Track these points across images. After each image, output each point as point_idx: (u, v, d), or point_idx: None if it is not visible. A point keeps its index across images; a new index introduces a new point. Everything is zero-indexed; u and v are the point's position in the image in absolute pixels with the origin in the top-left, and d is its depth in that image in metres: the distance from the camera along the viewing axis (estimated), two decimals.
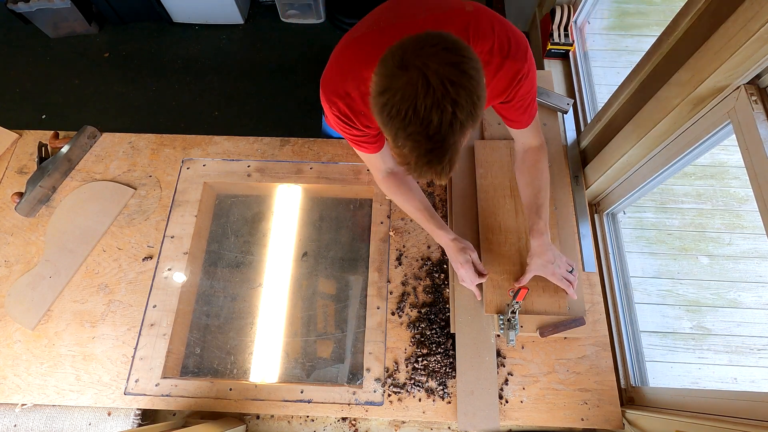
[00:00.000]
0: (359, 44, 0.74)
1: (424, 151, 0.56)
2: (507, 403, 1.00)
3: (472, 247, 1.02)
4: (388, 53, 0.57)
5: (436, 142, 0.55)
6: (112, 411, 1.04)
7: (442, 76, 0.52)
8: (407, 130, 0.54)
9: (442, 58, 0.53)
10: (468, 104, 0.54)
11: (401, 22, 0.72)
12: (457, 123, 0.54)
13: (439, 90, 0.52)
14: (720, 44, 0.71)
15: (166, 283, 1.13)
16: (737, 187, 1.45)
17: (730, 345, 1.24)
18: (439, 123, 0.53)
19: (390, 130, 0.57)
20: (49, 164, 1.23)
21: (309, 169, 1.26)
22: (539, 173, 0.98)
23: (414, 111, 0.53)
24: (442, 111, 0.53)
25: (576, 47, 1.61)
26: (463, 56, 0.54)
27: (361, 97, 0.74)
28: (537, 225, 0.96)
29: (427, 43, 0.54)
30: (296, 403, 1.01)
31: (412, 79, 0.52)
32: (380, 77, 0.56)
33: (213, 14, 2.69)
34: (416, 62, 0.53)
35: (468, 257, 1.00)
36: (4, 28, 2.79)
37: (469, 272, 1.00)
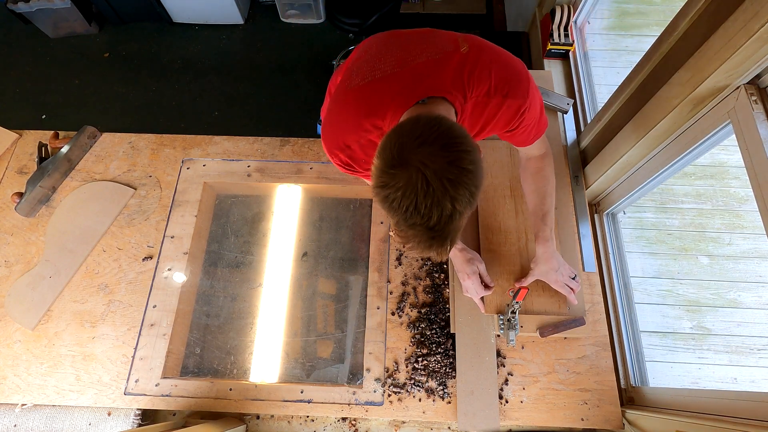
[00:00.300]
0: (356, 96, 0.74)
1: (425, 239, 0.58)
2: (507, 403, 1.00)
3: (479, 258, 1.02)
4: (387, 144, 0.57)
5: (437, 231, 0.57)
6: (112, 411, 1.04)
7: (440, 175, 0.54)
8: (409, 221, 0.56)
9: (440, 157, 0.54)
10: (466, 196, 0.56)
11: (398, 72, 0.72)
12: (456, 214, 0.56)
13: (438, 190, 0.54)
14: (720, 44, 0.71)
15: (166, 283, 1.13)
16: (737, 187, 1.45)
17: (730, 345, 1.24)
18: (438, 218, 0.55)
19: (392, 218, 0.59)
20: (49, 164, 1.23)
21: (309, 169, 1.26)
22: (545, 180, 0.97)
23: (415, 207, 0.54)
24: (442, 208, 0.55)
25: (576, 47, 1.61)
26: (460, 151, 0.55)
27: (361, 148, 0.75)
28: (543, 232, 0.96)
29: (425, 140, 0.55)
30: (296, 403, 1.01)
31: (411, 178, 0.54)
32: (380, 171, 0.57)
33: (213, 14, 2.69)
34: (415, 161, 0.54)
35: (475, 268, 1.00)
36: (4, 28, 2.79)
37: (475, 284, 1.00)
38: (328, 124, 0.78)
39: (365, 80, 0.73)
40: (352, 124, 0.73)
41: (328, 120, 0.78)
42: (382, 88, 0.71)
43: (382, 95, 0.71)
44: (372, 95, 0.72)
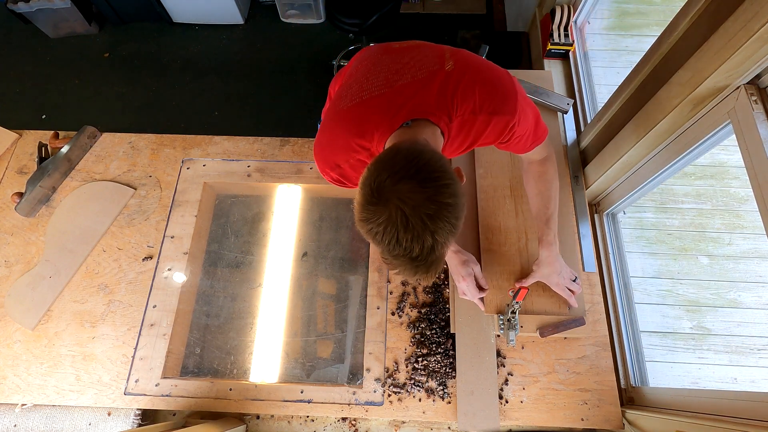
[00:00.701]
0: (345, 118, 0.76)
1: (411, 269, 0.60)
2: (507, 403, 1.00)
3: (474, 260, 1.02)
4: (368, 179, 0.59)
5: (420, 261, 0.58)
6: (112, 411, 1.04)
7: (419, 211, 0.55)
8: (392, 252, 0.58)
9: (418, 192, 0.56)
10: (447, 228, 0.57)
11: (385, 92, 0.73)
12: (438, 245, 0.57)
13: (418, 226, 0.55)
14: (720, 44, 0.71)
15: (166, 283, 1.13)
16: (737, 187, 1.45)
17: (730, 345, 1.24)
18: (420, 250, 0.57)
19: (377, 248, 0.61)
20: (49, 164, 1.23)
21: (309, 169, 1.26)
22: (548, 184, 0.97)
23: (397, 241, 0.56)
24: (423, 242, 0.56)
25: (576, 47, 1.61)
26: (439, 186, 0.57)
27: (351, 167, 0.77)
28: (547, 236, 0.96)
29: (403, 175, 0.56)
30: (296, 403, 1.01)
31: (391, 215, 0.56)
32: (361, 206, 0.58)
33: (213, 14, 2.69)
34: (393, 198, 0.56)
35: (470, 270, 1.00)
36: (4, 28, 2.79)
37: (470, 286, 1.00)
38: (319, 145, 0.81)
39: (353, 101, 0.75)
40: (342, 145, 0.76)
41: (319, 141, 0.81)
42: (368, 111, 0.73)
43: (368, 117, 0.73)
44: (359, 117, 0.74)
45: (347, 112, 0.76)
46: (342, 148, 0.76)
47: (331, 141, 0.78)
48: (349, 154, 0.76)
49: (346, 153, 0.76)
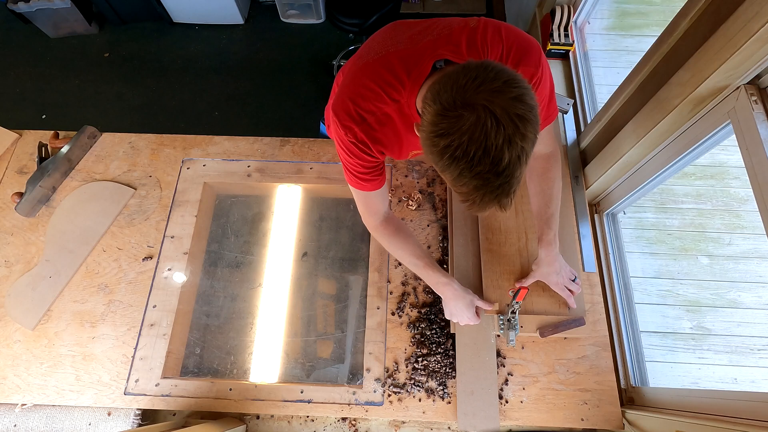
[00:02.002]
0: (372, 69, 0.71)
1: (492, 188, 0.55)
2: (507, 403, 1.00)
3: (476, 296, 0.99)
4: (440, 90, 0.54)
5: (505, 177, 0.54)
6: (112, 411, 1.04)
7: (510, 112, 0.51)
8: (474, 170, 0.53)
9: (505, 93, 0.52)
10: (533, 135, 0.53)
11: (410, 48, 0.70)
12: (524, 156, 0.54)
13: (509, 127, 0.51)
14: (720, 44, 0.71)
15: (166, 283, 1.13)
16: (737, 187, 1.45)
17: (730, 345, 1.24)
18: (509, 159, 0.52)
19: (452, 171, 0.55)
20: (49, 164, 1.23)
21: (309, 169, 1.26)
22: (551, 182, 0.95)
23: (484, 151, 0.52)
24: (513, 147, 0.52)
25: (576, 47, 1.61)
26: (522, 87, 0.53)
27: (377, 122, 0.72)
28: (547, 236, 0.95)
29: (484, 79, 0.52)
30: (296, 403, 1.01)
31: (480, 118, 0.51)
32: (439, 117, 0.53)
33: (213, 14, 2.69)
34: (480, 100, 0.51)
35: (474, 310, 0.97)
36: (4, 28, 2.79)
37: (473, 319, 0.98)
38: (342, 98, 0.74)
39: (379, 54, 0.71)
40: (369, 95, 0.71)
41: (342, 94, 0.74)
42: (397, 61, 0.69)
43: (398, 67, 0.69)
44: (388, 64, 0.70)
45: (374, 63, 0.71)
46: (370, 99, 0.71)
47: (357, 92, 0.72)
48: (377, 105, 0.71)
49: (374, 104, 0.71)
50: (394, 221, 0.97)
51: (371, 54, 0.73)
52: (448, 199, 1.20)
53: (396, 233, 0.96)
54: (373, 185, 0.87)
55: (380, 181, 0.87)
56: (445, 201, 1.22)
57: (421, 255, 0.96)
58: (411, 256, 0.96)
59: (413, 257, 0.96)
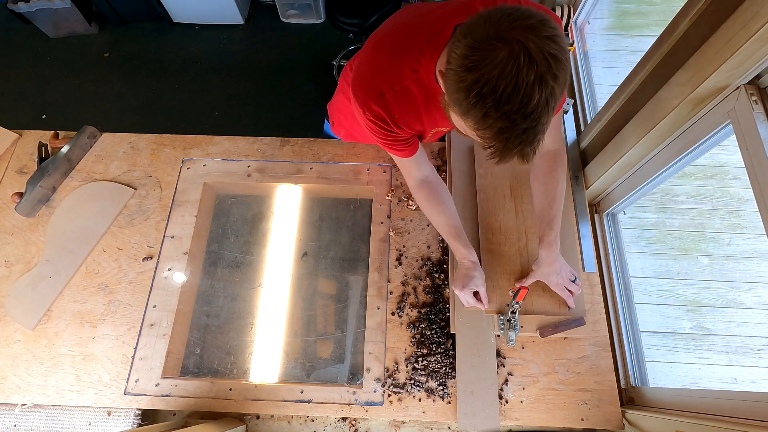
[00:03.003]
0: (389, 41, 0.71)
1: (517, 132, 0.52)
2: (507, 403, 1.00)
3: (482, 281, 0.97)
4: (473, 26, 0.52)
5: (531, 120, 0.51)
6: (112, 411, 1.04)
7: (543, 50, 0.49)
8: (501, 109, 0.51)
9: (539, 31, 0.50)
10: (563, 80, 0.52)
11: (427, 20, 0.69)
12: (553, 101, 0.52)
13: (543, 64, 0.49)
14: (720, 44, 0.71)
15: (166, 283, 1.13)
16: (737, 187, 1.45)
17: (730, 345, 1.24)
18: (538, 100, 0.50)
19: (477, 111, 0.53)
20: (49, 164, 1.23)
21: (309, 169, 1.26)
22: (555, 183, 0.95)
23: (514, 87, 0.49)
24: (545, 86, 0.50)
25: (576, 47, 1.61)
26: (555, 29, 0.51)
27: (395, 97, 0.71)
28: (548, 237, 0.95)
29: (519, 15, 0.51)
30: (296, 403, 1.01)
31: (513, 52, 0.49)
32: (469, 50, 0.51)
33: (213, 14, 2.69)
34: (514, 35, 0.49)
35: (472, 289, 0.96)
36: (4, 28, 2.79)
37: (468, 298, 0.97)
38: (360, 76, 0.74)
39: (395, 27, 0.70)
40: (387, 68, 0.70)
41: (360, 72, 0.74)
42: (415, 30, 0.68)
43: (416, 35, 0.68)
44: (406, 36, 0.69)
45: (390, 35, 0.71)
46: (388, 72, 0.70)
47: (375, 66, 0.72)
48: (395, 78, 0.70)
49: (393, 77, 0.70)
50: (431, 185, 0.97)
51: (387, 29, 0.73)
52: None
53: (429, 198, 0.97)
54: (403, 153, 0.87)
55: (410, 150, 0.87)
56: None
57: (449, 224, 0.97)
58: (441, 223, 0.98)
59: (442, 224, 0.98)
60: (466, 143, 1.24)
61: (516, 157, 0.57)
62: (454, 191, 1.18)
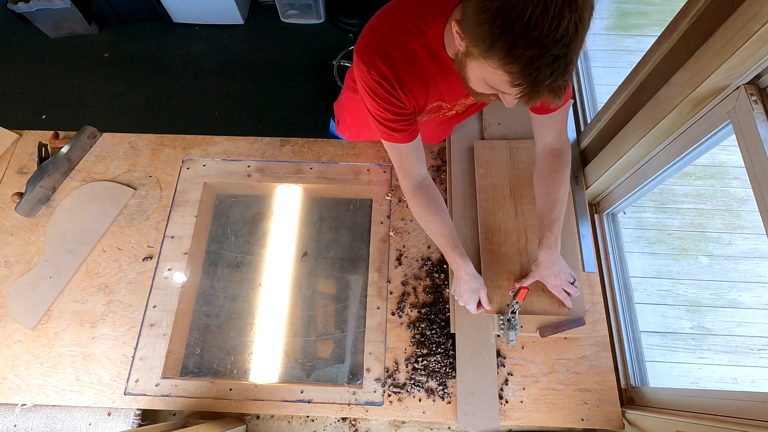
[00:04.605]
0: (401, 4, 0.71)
1: (548, 60, 0.50)
2: (507, 403, 1.00)
3: (484, 288, 0.97)
4: None
5: (562, 47, 0.49)
6: (112, 411, 1.04)
7: None
8: (530, 35, 0.48)
9: None
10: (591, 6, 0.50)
11: None
12: (582, 27, 0.49)
13: None
14: (720, 44, 0.71)
15: (166, 283, 1.13)
16: (737, 187, 1.45)
17: (730, 345, 1.24)
18: (568, 23, 0.48)
19: (504, 42, 0.50)
20: (49, 164, 1.23)
21: (309, 169, 1.26)
22: (558, 185, 0.93)
23: (542, 10, 0.47)
24: (574, 9, 0.48)
25: None
26: None
27: (402, 57, 0.70)
28: (548, 240, 0.94)
29: None
30: (296, 403, 1.01)
31: None
32: None
33: (213, 14, 2.69)
34: None
35: (477, 299, 0.96)
36: (4, 28, 2.79)
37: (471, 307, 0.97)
38: (367, 34, 0.73)
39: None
40: (396, 29, 0.70)
41: (368, 31, 0.73)
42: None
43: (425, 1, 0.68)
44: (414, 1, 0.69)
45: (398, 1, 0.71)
46: (396, 32, 0.70)
47: (382, 27, 0.72)
48: (403, 39, 0.69)
49: (401, 37, 0.70)
50: (429, 191, 0.95)
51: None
52: (448, 199, 1.20)
53: (427, 205, 0.95)
54: (404, 136, 0.84)
55: (411, 132, 0.85)
56: (445, 201, 1.22)
57: (446, 233, 0.95)
58: (437, 233, 0.96)
59: (438, 234, 0.96)
60: (467, 143, 1.24)
61: (547, 93, 0.54)
62: (454, 191, 1.18)
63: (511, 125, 1.26)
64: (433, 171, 1.26)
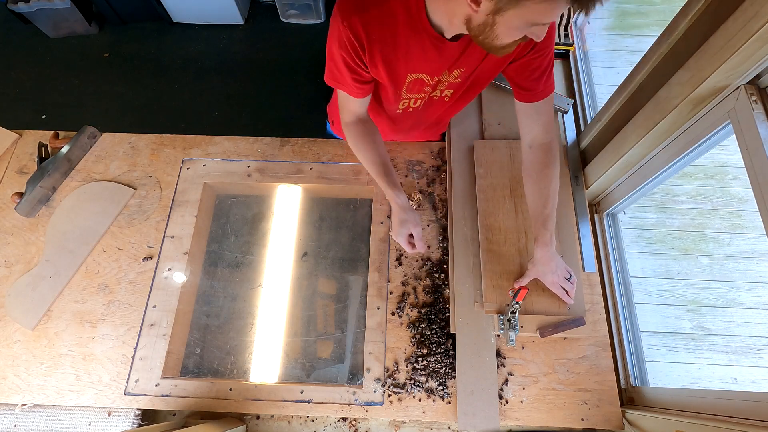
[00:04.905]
0: None
1: None
2: (507, 403, 1.00)
3: (416, 222, 0.98)
4: None
5: None
6: (112, 411, 1.04)
7: None
8: None
9: None
10: None
11: None
12: None
13: None
14: (720, 44, 0.71)
15: (166, 283, 1.13)
16: (737, 187, 1.45)
17: (730, 345, 1.24)
18: None
19: None
20: (49, 164, 1.23)
21: (309, 169, 1.26)
22: (548, 181, 0.94)
23: None
24: None
25: (576, 47, 1.61)
26: None
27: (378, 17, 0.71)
28: (543, 237, 0.94)
29: None
30: (296, 403, 1.01)
31: None
32: None
33: (213, 14, 2.69)
34: None
35: (407, 231, 0.98)
36: (4, 28, 2.79)
37: (403, 243, 1.00)
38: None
39: None
40: None
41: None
42: None
43: None
44: None
45: None
46: None
47: None
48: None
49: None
50: (367, 125, 0.98)
51: None
52: (448, 199, 1.20)
53: (363, 135, 0.97)
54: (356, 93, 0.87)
55: (362, 91, 0.88)
56: (445, 201, 1.22)
57: (377, 162, 0.97)
58: (369, 161, 0.98)
59: (370, 163, 0.98)
60: (467, 143, 1.24)
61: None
62: (454, 191, 1.18)
63: (511, 125, 1.26)
64: (433, 171, 1.26)
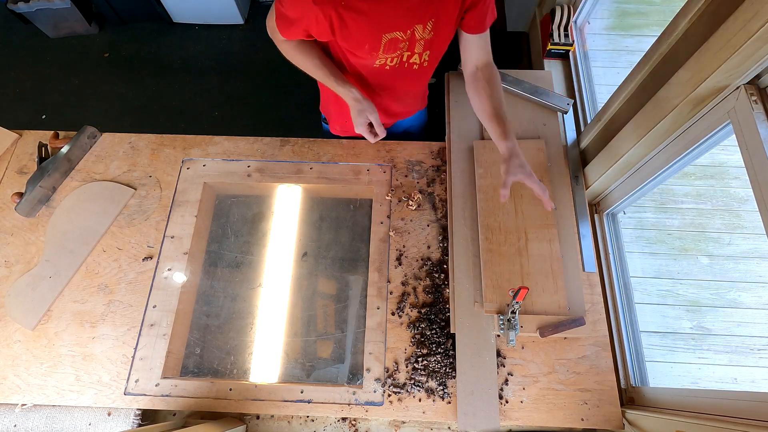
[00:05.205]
0: None
1: None
2: (507, 403, 1.00)
3: (372, 110, 1.02)
4: None
5: None
6: (112, 411, 1.04)
7: None
8: None
9: None
10: None
11: None
12: None
13: None
14: (720, 44, 0.71)
15: (166, 283, 1.13)
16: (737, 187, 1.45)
17: (730, 345, 1.24)
18: None
19: None
20: (49, 164, 1.23)
21: (309, 169, 1.26)
22: (499, 86, 1.01)
23: None
24: None
25: (576, 47, 1.61)
26: None
27: None
28: (506, 129, 0.96)
29: None
30: (296, 403, 1.01)
31: None
32: None
33: (213, 14, 2.69)
34: None
35: (365, 120, 1.02)
36: (4, 28, 2.79)
37: (365, 132, 1.03)
38: None
39: None
40: None
41: None
42: None
43: None
44: None
45: None
46: None
47: None
48: None
49: None
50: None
51: None
52: (448, 199, 1.20)
53: (297, 46, 1.03)
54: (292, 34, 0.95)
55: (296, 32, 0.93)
56: (445, 201, 1.22)
57: (320, 65, 1.01)
58: (313, 67, 1.02)
59: (313, 67, 1.02)
60: (467, 143, 1.24)
61: None
62: (454, 191, 1.18)
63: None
64: (433, 171, 1.26)
